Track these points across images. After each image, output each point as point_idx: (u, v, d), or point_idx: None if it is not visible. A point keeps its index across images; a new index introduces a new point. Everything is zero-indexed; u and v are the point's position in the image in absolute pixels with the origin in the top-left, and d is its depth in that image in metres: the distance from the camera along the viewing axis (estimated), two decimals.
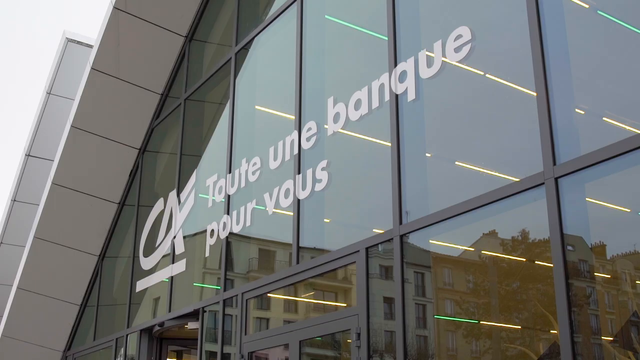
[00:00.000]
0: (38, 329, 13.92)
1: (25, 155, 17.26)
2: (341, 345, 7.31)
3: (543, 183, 5.19)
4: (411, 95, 6.66)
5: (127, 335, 11.62)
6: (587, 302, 4.98)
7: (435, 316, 6.38)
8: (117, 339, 11.97)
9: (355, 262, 6.85)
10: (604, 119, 5.18)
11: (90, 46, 15.63)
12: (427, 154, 6.68)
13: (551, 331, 5.23)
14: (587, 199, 5.14)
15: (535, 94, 5.44)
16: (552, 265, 4.99)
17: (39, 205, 13.14)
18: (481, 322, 6.09)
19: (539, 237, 5.44)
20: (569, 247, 4.95)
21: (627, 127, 4.84)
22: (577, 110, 5.35)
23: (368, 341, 6.44)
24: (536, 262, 5.60)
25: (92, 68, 11.52)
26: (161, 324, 10.34)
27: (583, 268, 5.04)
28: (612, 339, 4.89)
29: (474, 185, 5.89)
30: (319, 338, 7.48)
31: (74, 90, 13.19)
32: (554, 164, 5.15)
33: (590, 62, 5.40)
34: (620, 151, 4.72)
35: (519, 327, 5.74)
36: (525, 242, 5.62)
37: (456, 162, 6.42)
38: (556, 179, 5.10)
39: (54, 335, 14.00)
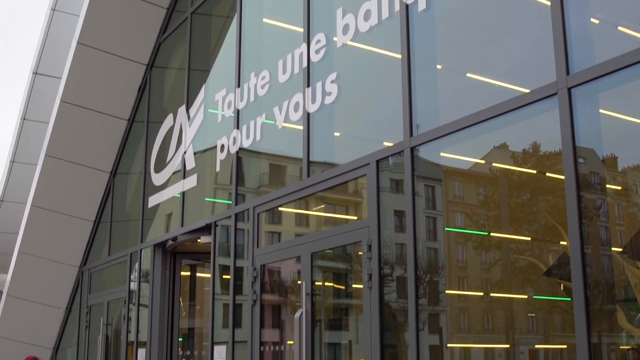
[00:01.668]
0: (53, 245, 14.13)
1: (33, 73, 17.16)
2: (352, 258, 7.39)
3: (556, 93, 5.12)
4: (422, 5, 6.52)
5: (141, 250, 11.79)
6: (597, 214, 4.99)
7: (446, 228, 6.42)
8: (131, 253, 12.15)
9: (365, 174, 6.85)
10: (618, 28, 5.07)
11: None
12: (438, 66, 6.60)
13: (561, 242, 5.25)
14: (600, 110, 5.09)
15: (549, 3, 5.31)
16: (563, 177, 4.98)
17: (49, 123, 13.14)
18: (491, 234, 6.13)
19: (551, 149, 5.41)
20: (580, 160, 4.92)
21: None
22: (591, 19, 5.23)
23: (379, 253, 6.50)
24: (547, 174, 5.58)
25: None
26: (174, 239, 10.47)
27: (594, 180, 5.03)
28: (621, 249, 4.91)
29: (485, 97, 5.83)
30: (330, 251, 7.56)
31: (79, 6, 13.00)
32: (567, 73, 5.07)
33: None
34: (635, 60, 4.64)
35: (529, 238, 5.77)
36: (537, 155, 5.59)
37: (467, 74, 6.34)
38: (569, 89, 5.03)
39: (69, 251, 14.22)
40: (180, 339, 11.17)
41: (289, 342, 7.98)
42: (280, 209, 8.45)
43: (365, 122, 7.56)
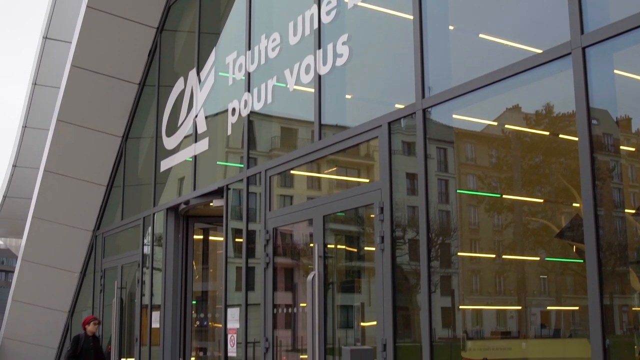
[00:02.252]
0: (67, 210, 14.22)
1: (43, 38, 17.11)
2: (364, 221, 7.40)
3: (570, 53, 5.05)
4: None
5: (154, 214, 11.84)
6: (610, 176, 4.96)
7: (458, 191, 6.41)
8: (144, 217, 12.21)
9: (377, 137, 6.83)
10: None
11: None
12: (450, 27, 6.53)
13: (573, 204, 5.23)
14: (615, 70, 5.03)
15: None
16: (576, 139, 4.94)
17: (59, 88, 13.14)
18: (503, 197, 6.12)
19: (564, 110, 5.36)
20: (594, 121, 4.88)
21: None
22: None
23: (391, 215, 6.50)
24: (560, 135, 5.54)
25: None
26: (187, 202, 10.51)
27: (607, 142, 4.99)
28: (634, 211, 4.89)
29: (497, 58, 5.77)
30: (342, 214, 7.57)
31: None
32: (582, 32, 5.00)
33: None
34: None
35: (541, 200, 5.75)
36: (550, 116, 5.55)
37: (480, 35, 6.27)
38: (583, 49, 4.96)
39: (82, 215, 14.30)
40: (194, 302, 11.27)
41: (301, 304, 8.03)
42: (292, 172, 8.45)
43: (376, 84, 7.51)
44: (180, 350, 10.90)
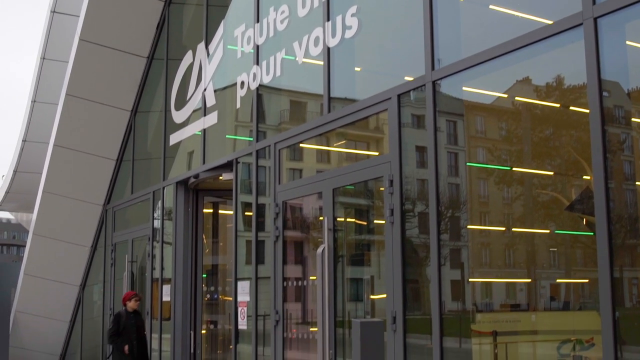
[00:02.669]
0: (77, 184, 14.26)
1: (51, 12, 17.06)
2: (374, 194, 7.40)
3: (581, 24, 5.00)
4: None
5: (163, 188, 11.87)
6: (621, 148, 4.93)
7: (468, 164, 6.39)
8: (154, 191, 12.25)
9: (387, 109, 6.80)
10: None
11: None
12: None
13: (584, 177, 5.22)
14: (627, 41, 4.98)
15: None
16: (587, 111, 4.90)
17: (68, 62, 13.11)
18: (513, 169, 6.10)
19: (575, 82, 5.33)
20: (605, 93, 4.84)
21: None
22: None
23: (401, 188, 6.49)
24: (571, 108, 5.51)
25: None
26: (196, 176, 10.52)
27: (618, 114, 4.96)
28: None
29: (508, 29, 5.72)
30: (352, 187, 7.57)
31: None
32: (593, 3, 4.95)
33: None
34: None
35: (551, 173, 5.74)
36: (560, 88, 5.51)
37: (490, 6, 6.22)
38: (595, 19, 4.91)
39: (93, 189, 14.35)
40: (204, 276, 11.33)
41: (311, 277, 8.06)
42: (301, 145, 8.44)
43: (386, 56, 7.47)
44: (191, 323, 10.97)
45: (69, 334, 15.88)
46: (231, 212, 9.70)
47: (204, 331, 11.09)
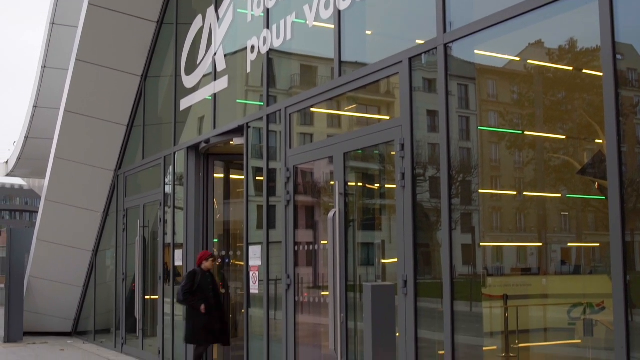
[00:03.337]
0: (88, 149, 14.29)
1: None
2: (385, 159, 7.39)
3: None
4: None
5: (174, 153, 11.89)
6: (634, 112, 4.90)
7: (479, 128, 6.37)
8: (165, 157, 12.27)
9: (398, 73, 6.76)
10: None
11: None
12: None
13: (596, 141, 5.19)
14: None
15: None
16: (601, 74, 4.86)
17: (78, 27, 13.07)
18: (525, 133, 6.08)
19: (588, 45, 5.28)
20: (619, 56, 4.79)
21: None
22: None
23: (412, 152, 6.47)
24: (584, 71, 5.47)
25: None
26: (207, 141, 10.53)
27: (632, 77, 4.92)
28: None
29: None
30: (362, 151, 7.56)
31: None
32: None
33: None
34: None
35: (564, 137, 5.71)
36: (573, 51, 5.46)
37: None
38: None
39: (104, 155, 14.38)
40: (216, 240, 11.38)
41: (322, 242, 8.09)
42: (312, 110, 8.42)
43: (397, 19, 7.40)
44: None
45: (82, 299, 16.04)
46: (242, 177, 9.72)
47: None
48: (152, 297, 12.69)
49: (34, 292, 15.96)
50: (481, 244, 6.25)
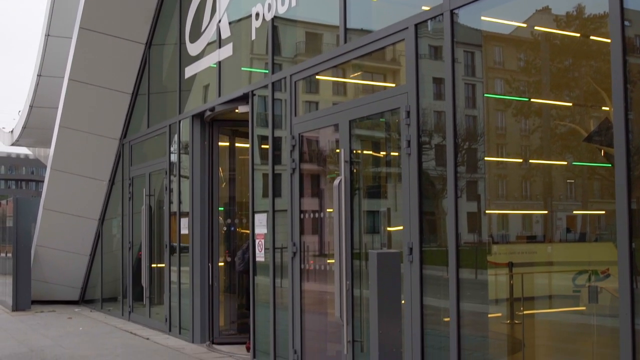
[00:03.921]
0: (93, 118, 14.28)
1: None
2: (391, 126, 7.37)
3: None
4: None
5: (179, 121, 11.88)
6: None
7: (485, 95, 6.34)
8: (170, 125, 12.26)
9: (404, 39, 6.72)
10: None
11: None
12: None
13: (603, 108, 5.17)
14: None
15: None
16: (608, 40, 4.82)
17: None
18: (531, 100, 6.05)
19: (596, 11, 5.23)
20: (627, 22, 4.75)
21: None
22: None
23: (418, 119, 6.45)
24: (591, 37, 5.43)
25: None
26: (212, 109, 10.51)
27: None
28: None
29: None
30: (367, 119, 7.54)
31: None
32: None
33: None
34: None
35: (570, 104, 5.69)
36: (580, 17, 5.42)
37: None
38: None
39: (109, 124, 14.37)
40: (221, 209, 11.41)
41: (328, 210, 8.10)
42: (317, 77, 8.38)
43: None
44: (209, 255, 11.11)
45: (89, 267, 16.13)
46: (247, 145, 9.72)
47: (221, 263, 11.23)
48: (159, 265, 12.76)
49: (41, 261, 16.06)
50: (487, 211, 6.25)
